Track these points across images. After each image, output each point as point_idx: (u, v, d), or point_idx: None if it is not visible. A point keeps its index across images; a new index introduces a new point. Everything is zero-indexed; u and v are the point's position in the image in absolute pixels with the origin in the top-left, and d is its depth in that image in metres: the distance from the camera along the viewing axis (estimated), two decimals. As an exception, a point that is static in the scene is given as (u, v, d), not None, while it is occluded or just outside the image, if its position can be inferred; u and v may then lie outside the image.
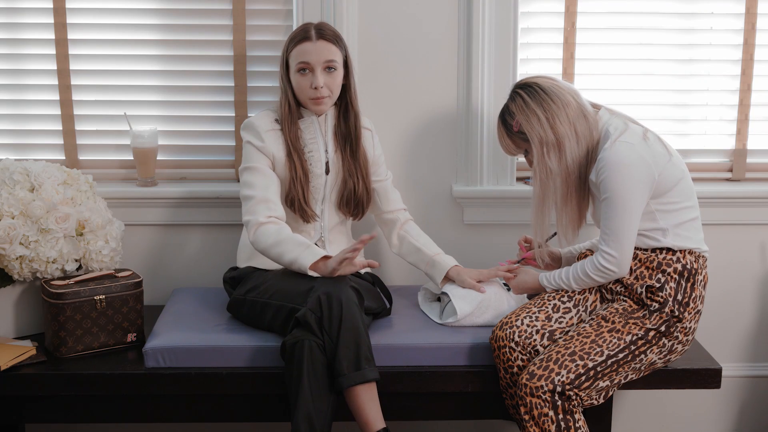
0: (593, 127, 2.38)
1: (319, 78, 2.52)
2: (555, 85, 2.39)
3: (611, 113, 2.43)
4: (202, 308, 2.68)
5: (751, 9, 2.90)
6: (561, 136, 2.35)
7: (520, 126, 2.39)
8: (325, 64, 2.53)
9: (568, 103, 2.36)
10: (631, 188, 2.29)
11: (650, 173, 2.30)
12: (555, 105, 2.35)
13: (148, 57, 2.89)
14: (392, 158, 2.90)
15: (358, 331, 2.29)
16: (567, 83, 2.43)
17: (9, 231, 2.46)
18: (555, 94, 2.36)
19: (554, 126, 2.35)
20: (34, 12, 2.85)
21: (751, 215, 2.99)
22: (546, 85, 2.38)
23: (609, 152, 2.29)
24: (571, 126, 2.35)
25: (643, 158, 2.29)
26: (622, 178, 2.28)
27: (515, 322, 2.41)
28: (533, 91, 2.38)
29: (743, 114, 2.97)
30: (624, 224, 2.31)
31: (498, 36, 2.82)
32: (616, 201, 2.30)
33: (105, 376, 2.41)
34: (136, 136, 2.84)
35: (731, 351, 3.10)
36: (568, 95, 2.37)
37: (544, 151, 2.36)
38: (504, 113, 2.45)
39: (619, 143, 2.30)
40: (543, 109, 2.35)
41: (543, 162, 2.37)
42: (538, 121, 2.36)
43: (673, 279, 2.35)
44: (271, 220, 2.50)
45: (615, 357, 2.32)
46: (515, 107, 2.40)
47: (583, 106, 2.39)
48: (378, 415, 2.30)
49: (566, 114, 2.35)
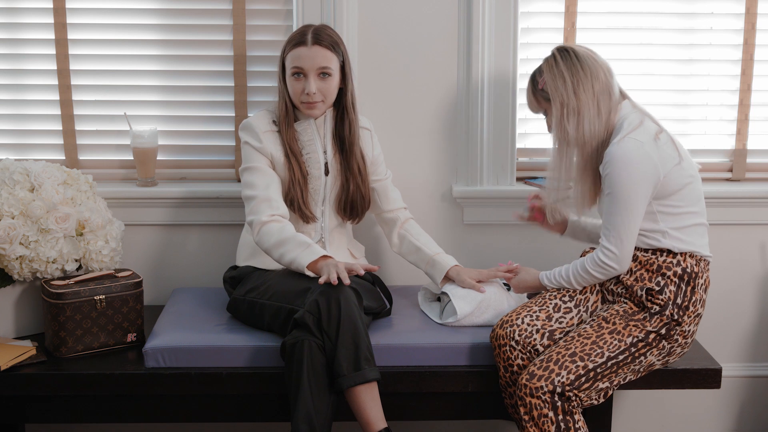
0: (613, 111, 2.39)
1: (311, 84, 2.51)
2: (591, 56, 2.39)
3: (633, 107, 2.42)
4: (202, 308, 2.68)
5: (751, 9, 2.90)
6: (582, 103, 2.35)
7: (545, 84, 2.40)
8: (318, 70, 2.52)
9: (597, 77, 2.37)
10: (634, 186, 2.29)
11: (655, 173, 2.30)
12: (583, 72, 2.36)
13: (148, 57, 2.89)
14: (392, 158, 2.90)
15: (357, 331, 2.29)
16: (604, 60, 2.43)
17: (9, 231, 2.46)
18: (587, 64, 2.37)
19: (577, 92, 2.35)
20: (34, 12, 2.85)
21: (751, 215, 2.99)
22: (582, 53, 2.39)
23: (616, 147, 2.30)
24: (594, 98, 2.36)
25: (650, 157, 2.29)
26: (626, 175, 2.28)
27: (516, 320, 2.41)
28: (568, 54, 2.39)
29: (743, 114, 2.97)
30: (625, 221, 2.31)
31: (498, 36, 2.82)
32: (619, 197, 2.30)
33: (105, 376, 2.41)
34: (136, 136, 2.84)
35: (731, 351, 3.10)
36: (600, 70, 2.38)
37: (564, 113, 2.37)
38: (536, 70, 2.46)
39: (627, 139, 2.30)
40: (571, 74, 2.36)
41: (561, 125, 2.38)
42: (563, 83, 2.37)
43: (673, 282, 2.35)
44: (274, 219, 2.50)
45: (615, 359, 2.32)
46: (546, 66, 2.42)
47: (611, 87, 2.39)
48: (379, 414, 2.30)
49: (592, 85, 2.36)
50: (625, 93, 2.46)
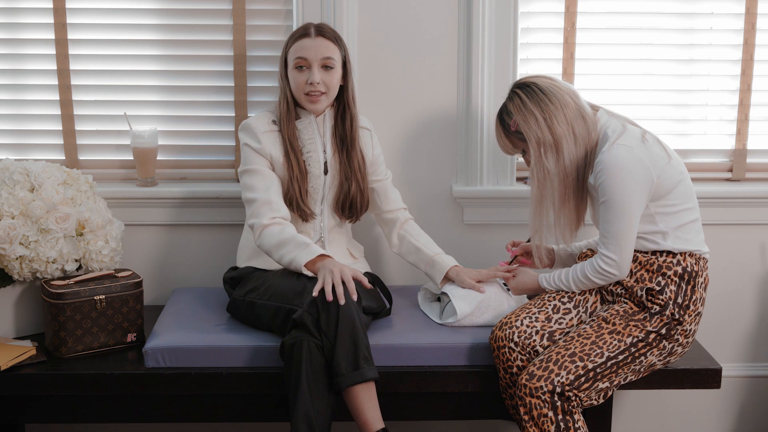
0: (591, 129, 2.38)
1: (315, 74, 2.52)
2: (553, 85, 2.38)
3: (610, 114, 2.42)
4: (202, 308, 2.68)
5: (751, 9, 2.90)
6: (558, 136, 2.34)
7: (518, 126, 2.39)
8: (322, 61, 2.53)
9: (567, 104, 2.36)
10: (629, 191, 2.28)
11: (649, 176, 2.29)
12: (553, 105, 2.35)
13: (148, 57, 2.89)
14: (392, 158, 2.90)
15: (355, 331, 2.29)
16: (566, 84, 2.42)
17: (9, 231, 2.46)
18: (553, 95, 2.36)
19: (552, 127, 2.34)
20: (34, 12, 2.85)
21: (751, 215, 2.99)
22: (544, 85, 2.37)
23: (607, 155, 2.29)
24: (569, 127, 2.35)
25: (642, 161, 2.29)
26: (620, 182, 2.28)
27: (515, 322, 2.41)
28: (531, 91, 2.37)
29: (743, 114, 2.97)
30: (623, 227, 2.31)
31: (498, 36, 2.82)
32: (615, 204, 2.29)
33: (105, 376, 2.41)
34: (136, 136, 2.84)
35: (731, 351, 3.10)
36: (566, 96, 2.37)
37: (541, 151, 2.36)
38: (502, 112, 2.45)
39: (617, 146, 2.29)
40: (541, 110, 2.35)
41: (540, 163, 2.36)
42: (535, 122, 2.35)
43: (674, 282, 2.35)
44: (275, 221, 2.50)
45: (615, 359, 2.32)
46: (513, 107, 2.40)
47: (581, 107, 2.38)
48: (377, 414, 2.30)
49: (564, 114, 2.35)
50: (595, 105, 2.45)
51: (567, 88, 2.39)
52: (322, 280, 2.30)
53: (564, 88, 2.38)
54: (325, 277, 2.30)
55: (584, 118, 2.37)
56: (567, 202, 2.39)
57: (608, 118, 2.40)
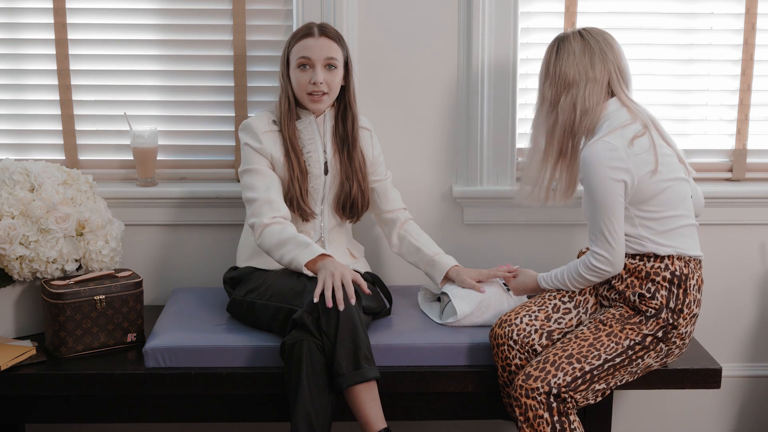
0: (601, 104, 2.38)
1: (318, 74, 2.52)
2: (602, 46, 2.39)
3: (622, 106, 2.38)
4: (202, 308, 2.68)
5: (751, 9, 2.90)
6: (571, 78, 2.37)
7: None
8: (325, 60, 2.53)
9: (602, 69, 2.37)
10: (606, 188, 2.28)
11: (624, 178, 2.28)
12: (596, 56, 2.38)
13: (148, 57, 2.89)
14: (392, 158, 2.90)
15: (356, 331, 2.29)
16: (620, 58, 2.42)
17: (9, 231, 2.47)
18: (593, 48, 2.38)
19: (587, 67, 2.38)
20: (34, 12, 2.85)
21: (751, 215, 2.99)
22: (597, 38, 2.39)
23: (587, 150, 2.30)
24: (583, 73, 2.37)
25: (620, 159, 2.27)
26: (596, 176, 2.28)
27: (514, 320, 2.41)
28: (591, 37, 2.41)
29: (743, 114, 2.97)
30: (607, 222, 2.30)
31: (498, 36, 2.82)
32: (596, 199, 2.30)
33: (105, 376, 2.41)
34: (136, 136, 2.84)
35: (731, 351, 3.10)
36: (600, 62, 2.38)
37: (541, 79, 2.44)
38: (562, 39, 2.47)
39: (600, 142, 2.29)
40: (590, 52, 2.38)
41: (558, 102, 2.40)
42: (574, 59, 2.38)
43: (664, 287, 2.34)
44: (276, 221, 2.50)
45: (612, 361, 2.32)
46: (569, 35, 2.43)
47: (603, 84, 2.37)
48: (379, 414, 2.30)
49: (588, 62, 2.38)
50: (628, 96, 2.41)
51: (614, 56, 2.40)
52: (322, 283, 2.29)
53: (609, 55, 2.39)
54: (325, 281, 2.30)
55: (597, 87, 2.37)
56: (563, 164, 2.43)
57: (616, 108, 2.37)
